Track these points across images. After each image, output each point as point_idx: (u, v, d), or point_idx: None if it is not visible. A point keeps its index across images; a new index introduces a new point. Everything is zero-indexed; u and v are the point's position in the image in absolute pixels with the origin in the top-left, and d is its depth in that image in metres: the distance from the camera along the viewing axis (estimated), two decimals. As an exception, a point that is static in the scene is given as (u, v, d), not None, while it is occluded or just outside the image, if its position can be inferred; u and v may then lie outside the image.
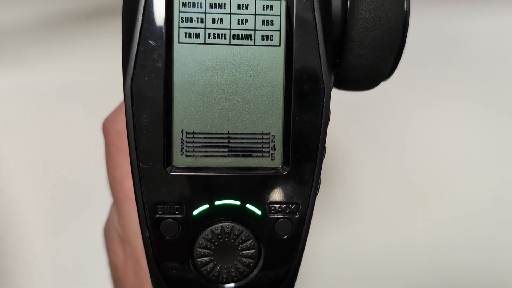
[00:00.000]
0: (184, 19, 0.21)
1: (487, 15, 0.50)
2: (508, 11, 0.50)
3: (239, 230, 0.22)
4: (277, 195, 0.22)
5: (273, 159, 0.22)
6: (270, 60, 0.21)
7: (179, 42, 0.21)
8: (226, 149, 0.22)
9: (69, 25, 0.48)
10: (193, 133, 0.21)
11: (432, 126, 0.51)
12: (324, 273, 0.50)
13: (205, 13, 0.21)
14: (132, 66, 0.20)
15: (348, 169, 0.50)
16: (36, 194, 0.48)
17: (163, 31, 0.20)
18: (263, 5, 0.21)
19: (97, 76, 0.47)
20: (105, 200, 0.31)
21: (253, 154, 0.22)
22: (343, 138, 0.49)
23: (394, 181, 0.51)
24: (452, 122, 0.51)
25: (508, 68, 0.51)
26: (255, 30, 0.21)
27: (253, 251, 0.22)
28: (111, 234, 0.29)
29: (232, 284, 0.22)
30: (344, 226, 0.50)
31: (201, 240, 0.22)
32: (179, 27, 0.21)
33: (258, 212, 0.22)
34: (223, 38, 0.21)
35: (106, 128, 0.27)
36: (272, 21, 0.21)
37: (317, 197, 0.23)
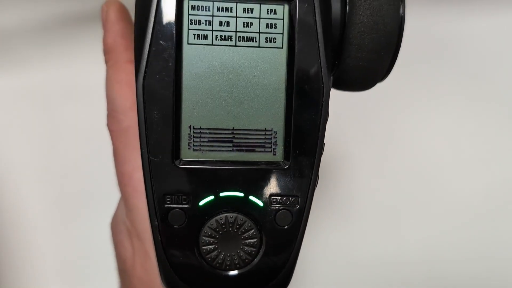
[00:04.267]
0: (193, 22, 0.22)
1: (479, 16, 0.51)
2: (499, 12, 0.51)
3: (242, 220, 0.23)
4: (278, 188, 0.23)
5: (275, 154, 0.23)
6: (273, 61, 0.22)
7: (188, 43, 0.22)
8: (231, 144, 0.23)
9: (72, 26, 0.48)
10: (200, 128, 0.23)
11: (428, 125, 0.52)
12: (319, 270, 0.51)
13: (212, 16, 0.22)
14: (144, 65, 0.21)
15: (343, 168, 0.51)
16: (42, 192, 0.48)
17: (174, 32, 0.21)
18: (267, 9, 0.22)
19: (100, 77, 0.47)
20: (109, 197, 0.32)
21: (256, 149, 0.23)
22: (340, 137, 0.50)
23: (390, 179, 0.51)
24: (447, 122, 0.52)
25: (501, 68, 0.52)
26: (259, 32, 0.22)
27: (255, 240, 0.23)
28: (119, 228, 0.30)
29: (235, 271, 0.24)
30: (339, 224, 0.51)
31: (206, 229, 0.23)
32: (188, 29, 0.22)
33: (260, 203, 0.23)
34: (229, 40, 0.22)
35: (112, 124, 0.28)
36: (275, 24, 0.22)
37: (314, 193, 0.24)
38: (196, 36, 0.22)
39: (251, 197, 0.23)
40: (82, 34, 0.49)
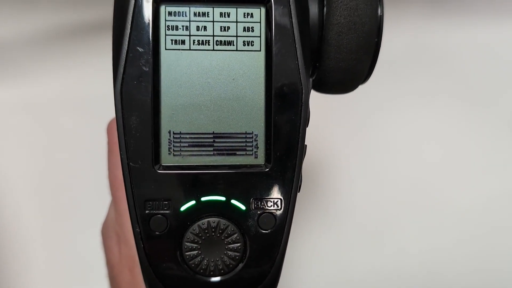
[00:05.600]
0: (170, 27, 0.22)
1: (474, 27, 0.51)
2: (494, 23, 0.52)
3: (224, 224, 0.23)
4: (260, 191, 0.23)
5: (256, 157, 0.23)
6: (251, 64, 0.22)
7: (165, 49, 0.22)
8: (211, 148, 0.23)
9: (69, 39, 0.49)
10: (180, 133, 0.23)
11: (422, 133, 0.51)
12: (307, 277, 0.50)
13: (189, 21, 0.22)
14: (122, 71, 0.21)
15: (332, 174, 0.51)
16: (37, 201, 0.49)
17: (150, 38, 0.22)
18: (244, 13, 0.22)
19: (95, 89, 0.48)
20: (104, 205, 0.32)
21: (237, 152, 0.23)
22: (331, 143, 0.50)
23: (381, 186, 0.51)
24: (442, 130, 0.52)
25: (497, 77, 0.52)
26: (237, 36, 0.22)
27: (238, 244, 0.23)
28: (109, 233, 0.30)
29: (219, 277, 0.23)
30: (327, 231, 0.50)
31: (188, 235, 0.23)
32: (165, 35, 0.22)
33: (243, 207, 0.23)
34: (207, 44, 0.22)
35: (111, 128, 0.28)
36: (252, 27, 0.22)
37: (303, 200, 0.24)
38: (173, 41, 0.22)
39: (233, 201, 0.23)
40: (79, 46, 0.50)
